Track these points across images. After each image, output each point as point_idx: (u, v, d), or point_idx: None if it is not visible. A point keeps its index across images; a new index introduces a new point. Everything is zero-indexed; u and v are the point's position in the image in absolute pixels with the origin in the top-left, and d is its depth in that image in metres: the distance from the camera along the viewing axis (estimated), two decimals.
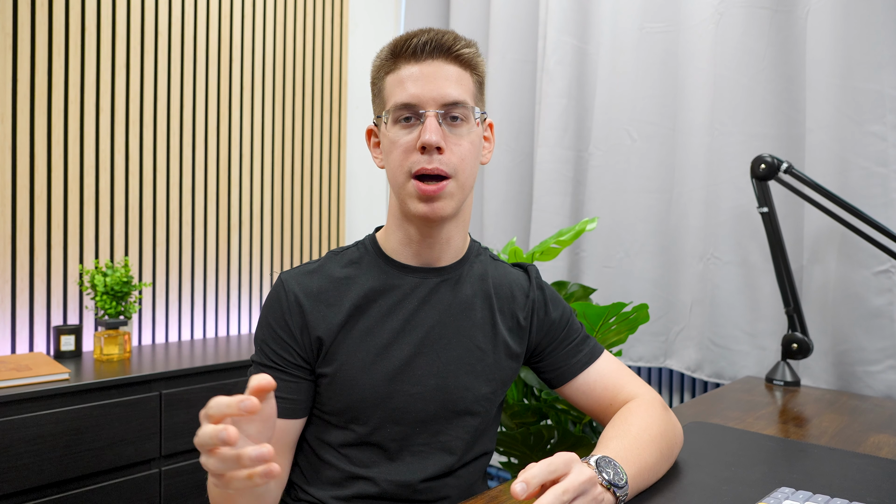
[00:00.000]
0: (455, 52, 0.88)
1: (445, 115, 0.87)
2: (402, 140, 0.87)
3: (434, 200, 0.87)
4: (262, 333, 0.91)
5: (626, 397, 0.97)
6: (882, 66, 1.51)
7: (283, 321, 0.90)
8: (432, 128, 0.85)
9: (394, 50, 0.89)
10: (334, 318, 0.90)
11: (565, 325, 1.02)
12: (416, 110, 0.86)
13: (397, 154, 0.88)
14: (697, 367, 1.86)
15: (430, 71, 0.87)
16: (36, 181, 1.76)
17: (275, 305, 0.91)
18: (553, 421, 1.66)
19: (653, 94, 1.97)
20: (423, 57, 0.87)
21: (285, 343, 0.89)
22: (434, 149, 0.85)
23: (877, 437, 1.14)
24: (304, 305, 0.90)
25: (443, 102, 0.86)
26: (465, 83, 0.89)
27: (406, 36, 0.89)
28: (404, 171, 0.87)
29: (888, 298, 1.50)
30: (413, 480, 0.91)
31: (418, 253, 0.94)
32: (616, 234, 2.04)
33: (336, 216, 2.50)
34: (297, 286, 0.91)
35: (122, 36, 1.91)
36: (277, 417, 0.86)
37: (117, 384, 1.53)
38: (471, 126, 0.90)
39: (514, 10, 2.29)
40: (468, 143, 0.89)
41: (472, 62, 0.90)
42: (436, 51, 0.87)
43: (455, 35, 0.89)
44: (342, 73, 2.50)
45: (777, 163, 1.54)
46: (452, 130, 0.87)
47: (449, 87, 0.87)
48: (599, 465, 0.74)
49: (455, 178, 0.87)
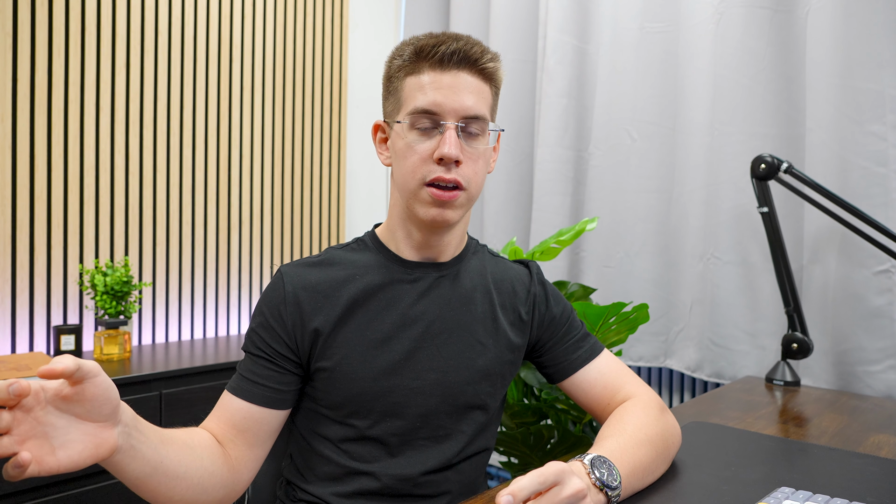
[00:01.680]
0: (481, 66, 0.88)
1: (464, 129, 0.87)
2: (418, 147, 0.87)
3: (445, 207, 0.87)
4: (254, 322, 0.92)
5: (624, 396, 0.97)
6: (882, 66, 1.51)
7: (276, 312, 0.90)
8: (452, 141, 0.85)
9: (420, 53, 0.88)
10: (332, 310, 0.90)
11: (566, 321, 1.03)
12: (436, 119, 0.86)
13: (413, 161, 0.87)
14: (697, 366, 1.86)
15: (454, 81, 0.86)
16: (36, 181, 1.76)
17: (271, 296, 0.91)
18: (553, 421, 1.66)
19: (653, 93, 1.97)
20: (448, 66, 0.87)
21: (276, 334, 0.89)
22: (452, 162, 0.86)
23: (877, 437, 1.14)
24: (302, 299, 0.90)
25: (464, 115, 0.86)
26: (485, 96, 0.89)
27: (434, 41, 0.88)
28: (417, 178, 0.87)
29: (888, 298, 1.50)
30: (413, 474, 0.91)
31: (419, 251, 0.94)
32: (616, 234, 2.04)
33: (336, 216, 2.50)
34: (297, 279, 0.91)
35: (122, 36, 1.91)
36: (259, 406, 0.87)
37: (117, 384, 1.51)
38: (486, 140, 0.90)
39: (514, 10, 2.29)
40: (483, 159, 0.90)
41: (493, 75, 0.91)
42: (463, 62, 0.87)
43: (483, 48, 0.89)
44: (342, 73, 2.50)
45: (777, 163, 1.54)
46: (469, 144, 0.88)
47: (470, 99, 0.87)
48: (593, 463, 0.74)
49: (467, 190, 0.88)
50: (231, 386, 0.89)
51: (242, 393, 0.88)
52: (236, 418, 0.87)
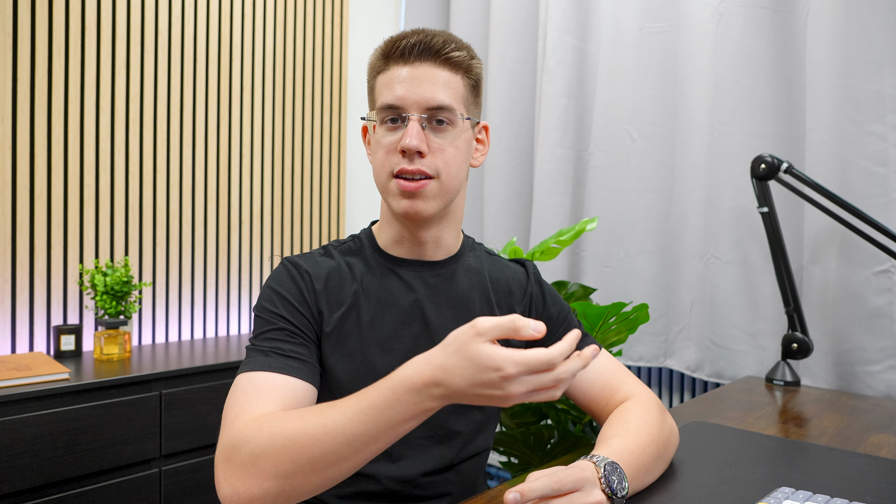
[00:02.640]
0: (444, 55, 0.88)
1: (430, 119, 0.87)
2: (385, 141, 0.88)
3: (415, 198, 0.87)
4: (273, 306, 0.87)
5: (623, 396, 0.97)
6: (882, 66, 1.51)
7: (299, 295, 0.88)
8: (413, 132, 0.85)
9: (385, 51, 0.89)
10: (336, 309, 0.90)
11: (564, 322, 1.02)
12: (400, 112, 0.87)
13: (381, 154, 0.89)
14: (697, 366, 1.86)
15: (418, 73, 0.87)
16: (36, 181, 1.76)
17: (288, 281, 0.89)
18: (553, 421, 1.66)
19: (653, 94, 1.97)
20: (411, 59, 0.87)
21: (297, 311, 0.87)
22: (415, 153, 0.86)
23: (877, 437, 1.14)
24: (317, 286, 0.89)
25: (427, 106, 0.86)
26: (454, 87, 0.88)
27: (397, 37, 0.89)
28: (386, 170, 0.88)
29: (888, 298, 1.50)
30: (413, 475, 0.91)
31: (410, 249, 0.95)
32: (616, 234, 2.04)
33: (336, 216, 2.50)
34: (305, 266, 0.91)
35: (122, 36, 1.91)
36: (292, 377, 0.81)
37: (117, 384, 1.53)
38: (458, 130, 0.89)
39: (514, 10, 2.29)
40: (453, 148, 0.88)
41: (463, 65, 0.90)
42: (424, 53, 0.87)
43: (446, 38, 0.89)
44: (342, 73, 2.50)
45: (777, 163, 1.54)
46: (437, 135, 0.87)
47: (435, 90, 0.86)
48: (606, 469, 0.74)
49: (438, 180, 0.87)
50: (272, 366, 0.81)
51: (294, 371, 0.81)
52: (298, 396, 0.80)
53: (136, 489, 1.56)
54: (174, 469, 1.63)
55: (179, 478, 1.64)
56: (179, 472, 1.64)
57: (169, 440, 1.61)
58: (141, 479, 1.57)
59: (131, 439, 1.54)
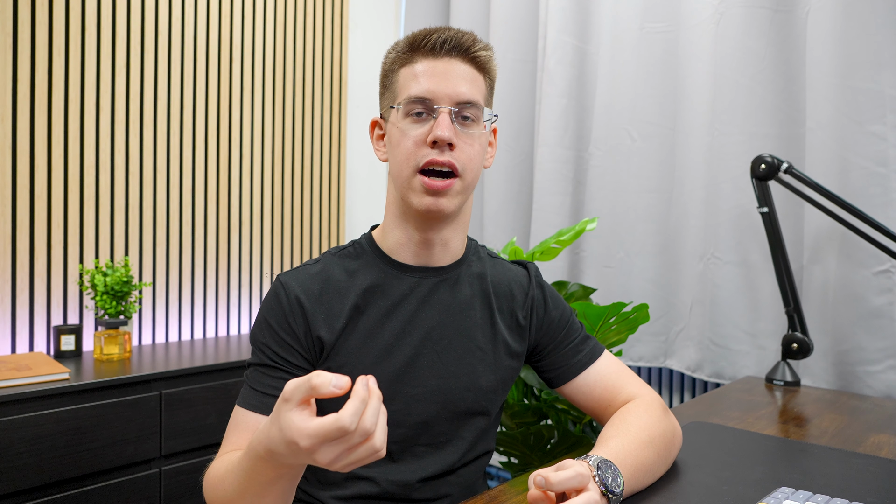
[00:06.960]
0: (472, 54, 0.89)
1: (458, 114, 0.87)
2: (412, 132, 0.87)
3: (439, 196, 0.86)
4: (261, 335, 0.89)
5: (625, 398, 0.96)
6: (882, 66, 1.51)
7: (285, 323, 0.88)
8: (445, 123, 0.85)
9: (412, 44, 0.89)
10: (335, 320, 0.89)
11: (565, 325, 1.02)
12: (429, 105, 0.87)
13: (407, 146, 0.87)
14: (697, 367, 1.86)
15: (447, 68, 0.87)
16: (36, 181, 1.76)
17: (275, 307, 0.89)
18: (553, 421, 1.66)
19: (653, 94, 1.97)
20: (440, 54, 0.87)
21: (288, 345, 0.88)
22: (446, 144, 0.85)
23: (877, 437, 1.14)
24: (306, 306, 0.88)
25: (457, 101, 0.87)
26: (478, 85, 0.90)
27: (426, 31, 0.89)
28: (411, 164, 0.87)
29: (888, 298, 1.50)
30: (411, 480, 0.91)
31: (416, 253, 0.93)
32: (616, 234, 2.04)
33: (336, 216, 2.50)
34: (298, 287, 0.90)
35: (122, 36, 1.91)
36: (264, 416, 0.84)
37: (117, 384, 1.53)
38: (480, 128, 0.90)
39: (514, 10, 2.29)
40: (478, 144, 0.90)
41: (486, 65, 0.91)
42: (454, 49, 0.88)
43: (474, 37, 0.90)
44: (342, 74, 2.50)
45: (777, 163, 1.54)
46: (463, 130, 0.88)
47: (463, 85, 0.87)
48: (599, 468, 0.74)
49: (462, 178, 0.88)
50: (249, 403, 0.86)
51: (266, 409, 0.84)
52: None
53: (136, 489, 1.56)
54: (174, 469, 1.63)
55: (179, 478, 1.64)
56: (179, 472, 1.64)
57: (169, 440, 1.61)
58: (141, 479, 1.57)
59: (131, 439, 1.54)
